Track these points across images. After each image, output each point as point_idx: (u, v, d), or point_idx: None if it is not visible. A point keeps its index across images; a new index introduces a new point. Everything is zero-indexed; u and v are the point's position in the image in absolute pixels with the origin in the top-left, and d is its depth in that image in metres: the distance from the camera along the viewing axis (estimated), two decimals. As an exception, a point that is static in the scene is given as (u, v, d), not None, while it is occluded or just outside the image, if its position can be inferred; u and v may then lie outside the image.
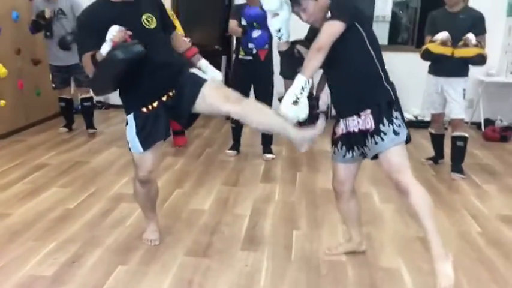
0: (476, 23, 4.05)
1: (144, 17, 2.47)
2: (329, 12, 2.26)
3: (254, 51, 4.43)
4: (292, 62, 2.50)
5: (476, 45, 3.96)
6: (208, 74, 2.66)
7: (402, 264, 2.73)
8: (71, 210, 3.34)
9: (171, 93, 2.52)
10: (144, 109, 2.51)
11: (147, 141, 2.55)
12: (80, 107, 5.54)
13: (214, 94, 2.46)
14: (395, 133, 2.33)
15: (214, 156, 4.76)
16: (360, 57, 2.34)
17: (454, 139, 4.28)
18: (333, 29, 2.23)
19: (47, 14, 4.95)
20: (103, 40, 2.29)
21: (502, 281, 2.62)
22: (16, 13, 5.14)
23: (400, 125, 2.35)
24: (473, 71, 4.67)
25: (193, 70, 2.62)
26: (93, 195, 3.62)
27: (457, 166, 4.30)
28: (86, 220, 3.19)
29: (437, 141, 4.62)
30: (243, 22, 4.41)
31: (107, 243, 2.88)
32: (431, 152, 4.69)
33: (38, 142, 5.02)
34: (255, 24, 4.35)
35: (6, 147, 4.81)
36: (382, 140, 2.32)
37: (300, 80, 2.24)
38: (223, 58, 6.74)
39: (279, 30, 2.38)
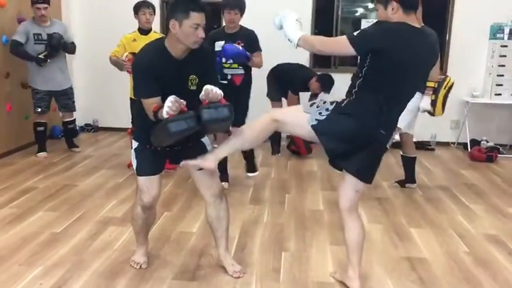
0: None
1: (190, 78, 2.46)
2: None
3: (229, 77, 4.28)
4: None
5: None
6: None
7: (391, 285, 2.74)
8: (58, 234, 3.32)
9: (176, 148, 2.55)
10: (148, 146, 2.56)
11: (139, 168, 2.66)
12: (63, 130, 5.87)
13: (204, 178, 2.71)
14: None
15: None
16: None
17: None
18: (340, 46, 2.33)
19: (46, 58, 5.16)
20: (160, 84, 2.33)
21: (490, 301, 2.63)
22: (5, 37, 5.17)
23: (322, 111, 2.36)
24: (459, 92, 4.75)
25: (206, 142, 2.71)
26: (80, 219, 3.59)
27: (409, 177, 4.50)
28: (73, 244, 3.16)
29: (404, 163, 4.54)
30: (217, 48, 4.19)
31: (94, 267, 2.86)
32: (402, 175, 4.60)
33: (26, 165, 4.99)
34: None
35: (-7, 171, 4.78)
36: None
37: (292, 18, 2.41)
38: None
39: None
